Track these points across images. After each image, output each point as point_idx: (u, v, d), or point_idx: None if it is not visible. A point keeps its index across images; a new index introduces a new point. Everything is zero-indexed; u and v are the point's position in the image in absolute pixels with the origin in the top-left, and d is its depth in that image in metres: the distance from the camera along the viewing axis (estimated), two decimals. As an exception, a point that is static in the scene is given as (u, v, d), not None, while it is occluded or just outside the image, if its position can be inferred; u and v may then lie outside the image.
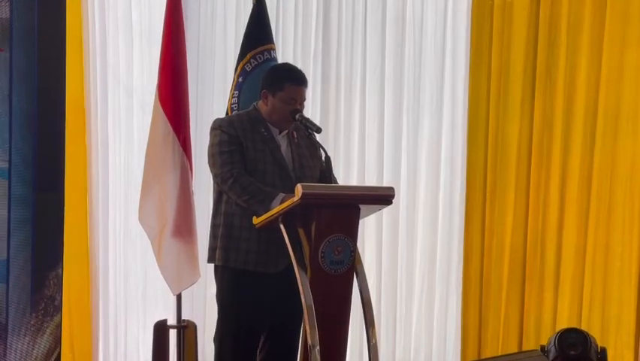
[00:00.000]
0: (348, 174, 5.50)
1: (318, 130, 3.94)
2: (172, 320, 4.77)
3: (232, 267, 3.93)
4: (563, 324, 5.10)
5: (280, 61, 4.86)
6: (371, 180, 5.52)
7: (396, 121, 5.58)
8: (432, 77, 5.60)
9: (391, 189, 3.86)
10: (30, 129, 4.10)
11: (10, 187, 4.06)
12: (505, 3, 5.45)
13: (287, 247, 3.66)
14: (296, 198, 3.57)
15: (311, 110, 5.32)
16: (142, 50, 5.30)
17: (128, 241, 5.28)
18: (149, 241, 4.68)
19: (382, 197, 3.86)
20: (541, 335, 5.24)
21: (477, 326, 5.51)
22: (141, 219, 4.65)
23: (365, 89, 5.56)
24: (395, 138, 5.58)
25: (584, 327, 4.99)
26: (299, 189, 3.56)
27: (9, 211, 4.15)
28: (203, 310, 5.25)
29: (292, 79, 3.99)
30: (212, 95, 5.36)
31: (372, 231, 5.52)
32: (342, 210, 3.70)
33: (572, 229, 5.30)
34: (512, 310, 5.42)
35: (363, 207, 3.77)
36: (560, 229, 5.34)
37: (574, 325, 5.04)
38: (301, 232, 3.68)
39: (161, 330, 4.73)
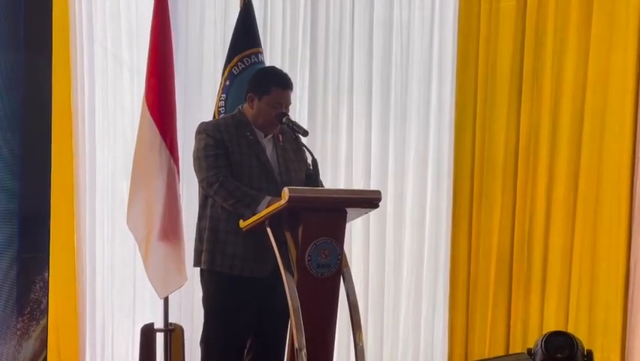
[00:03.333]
0: (335, 177, 5.51)
1: (305, 133, 3.95)
2: (159, 324, 4.76)
3: (218, 271, 3.93)
4: (550, 327, 5.10)
5: (268, 64, 4.85)
6: (358, 184, 5.52)
7: (383, 125, 5.59)
8: (419, 81, 5.60)
9: (378, 192, 3.88)
10: (15, 129, 4.10)
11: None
12: (491, 7, 5.46)
13: (273, 251, 3.66)
14: (283, 202, 3.57)
15: (298, 113, 5.33)
16: (131, 55, 5.29)
17: (114, 244, 5.27)
18: (136, 244, 4.68)
19: (369, 200, 3.87)
20: (528, 337, 5.24)
21: (464, 329, 5.51)
22: (129, 224, 4.66)
23: (352, 92, 5.57)
24: (382, 142, 5.58)
25: (570, 330, 4.99)
26: (286, 192, 3.56)
27: (-6, 214, 4.14)
28: (191, 313, 5.25)
29: (279, 83, 4.00)
30: (199, 99, 5.36)
31: (359, 234, 5.52)
32: (329, 214, 3.70)
33: (558, 232, 5.31)
34: (499, 313, 5.42)
35: (350, 211, 3.78)
36: (546, 232, 5.34)
37: (561, 328, 5.04)
38: (288, 235, 3.69)
39: (148, 334, 4.72)
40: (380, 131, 5.59)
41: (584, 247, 5.23)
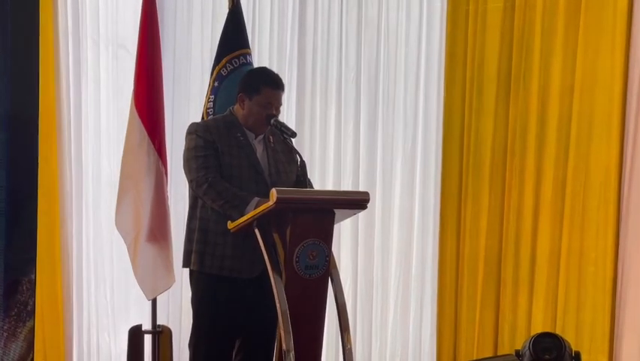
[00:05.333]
0: (323, 178, 5.50)
1: (293, 135, 3.96)
2: (147, 325, 4.75)
3: (207, 272, 3.92)
4: (538, 328, 5.11)
5: (256, 65, 4.85)
6: (346, 185, 5.52)
7: (371, 126, 5.59)
8: (407, 82, 5.61)
9: (366, 193, 3.87)
10: (2, 130, 4.09)
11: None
12: (478, 9, 5.47)
13: (262, 253, 3.65)
14: (271, 203, 3.57)
15: (286, 114, 5.33)
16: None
17: (101, 246, 5.25)
18: (123, 245, 4.67)
19: (357, 201, 3.87)
20: (516, 339, 5.25)
21: (452, 331, 5.52)
22: (118, 225, 4.65)
23: (340, 93, 5.57)
24: (370, 143, 5.59)
25: (558, 331, 5.00)
26: (273, 193, 3.56)
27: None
28: (179, 315, 5.24)
29: (270, 83, 3.99)
30: (188, 100, 5.36)
31: (347, 236, 5.52)
32: (317, 215, 3.70)
33: (546, 233, 5.32)
34: (487, 315, 5.43)
35: (338, 212, 3.78)
36: (534, 233, 5.35)
37: (548, 329, 5.06)
38: (276, 236, 3.68)
39: (136, 335, 4.72)
40: (368, 132, 5.59)
41: (571, 249, 5.24)
